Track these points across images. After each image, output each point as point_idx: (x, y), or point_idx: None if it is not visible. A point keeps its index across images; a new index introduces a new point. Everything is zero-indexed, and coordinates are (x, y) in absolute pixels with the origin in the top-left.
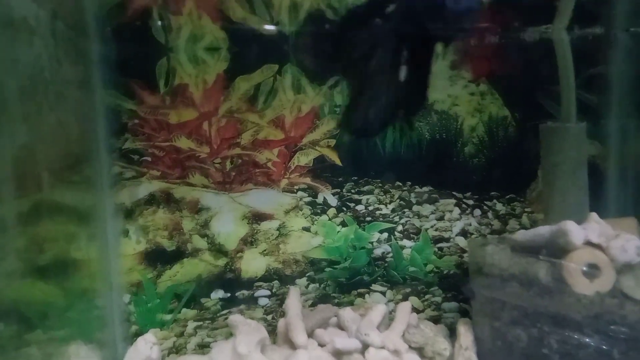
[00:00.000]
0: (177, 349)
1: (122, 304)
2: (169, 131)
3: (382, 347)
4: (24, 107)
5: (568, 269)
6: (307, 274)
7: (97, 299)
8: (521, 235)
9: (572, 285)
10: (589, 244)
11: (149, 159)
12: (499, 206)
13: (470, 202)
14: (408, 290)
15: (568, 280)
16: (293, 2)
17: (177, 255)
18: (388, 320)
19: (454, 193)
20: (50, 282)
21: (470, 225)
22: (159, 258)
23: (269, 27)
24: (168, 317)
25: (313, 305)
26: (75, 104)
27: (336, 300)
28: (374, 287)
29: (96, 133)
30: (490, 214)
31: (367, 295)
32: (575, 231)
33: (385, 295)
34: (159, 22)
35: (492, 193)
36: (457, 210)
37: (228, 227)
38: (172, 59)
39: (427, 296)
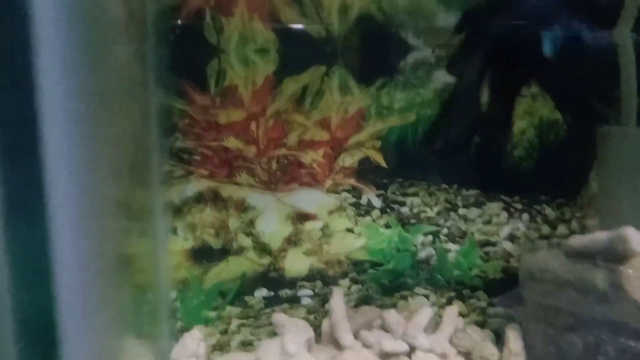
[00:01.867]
0: (221, 346)
1: (169, 300)
2: (217, 131)
3: (430, 351)
4: (115, 104)
5: (628, 276)
6: (350, 275)
7: (147, 294)
8: (576, 241)
9: (632, 293)
10: None
11: (198, 158)
12: (548, 211)
13: (519, 206)
14: (452, 294)
15: (627, 287)
16: (343, 5)
17: (223, 253)
18: (433, 323)
19: (502, 197)
20: (107, 276)
21: (518, 229)
22: (205, 255)
23: (318, 29)
24: (213, 314)
25: (355, 306)
26: (138, 104)
27: (379, 302)
28: (417, 290)
29: (150, 132)
30: (539, 219)
31: (410, 298)
32: (635, 237)
33: (428, 299)
34: (212, 24)
35: (542, 197)
36: (504, 214)
37: (272, 227)
38: (222, 60)
39: (471, 300)
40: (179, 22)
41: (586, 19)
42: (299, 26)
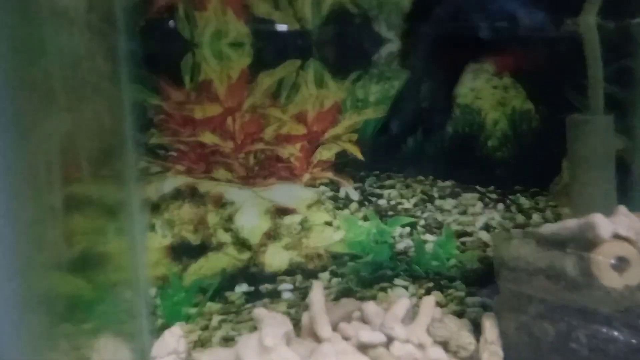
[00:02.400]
0: (203, 342)
1: (149, 297)
2: (194, 126)
3: (407, 341)
4: (67, 98)
5: (596, 262)
6: (330, 268)
7: (124, 292)
8: (547, 229)
9: (601, 279)
10: (617, 237)
11: (175, 154)
12: (523, 200)
13: (494, 196)
14: (431, 284)
15: (596, 273)
16: None
17: (202, 249)
18: (411, 314)
19: (477, 187)
20: (80, 275)
21: (493, 219)
22: (184, 252)
23: (292, 22)
24: (193, 310)
25: (336, 299)
26: (106, 99)
27: (359, 295)
28: (397, 281)
29: (123, 128)
30: (513, 208)
31: (389, 290)
32: (603, 224)
33: (407, 290)
34: (184, 18)
35: (516, 187)
36: (480, 205)
37: (251, 221)
38: (197, 55)
39: (450, 290)
40: (151, 16)
41: (551, 5)
42: (273, 20)
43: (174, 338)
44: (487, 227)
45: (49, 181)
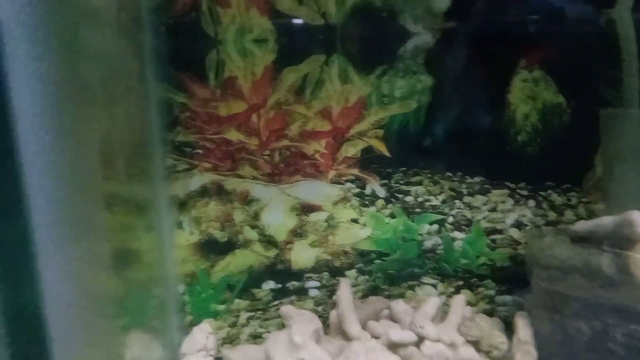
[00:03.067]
0: (231, 339)
1: (177, 294)
2: (219, 124)
3: (438, 340)
4: (103, 98)
5: (634, 260)
6: (357, 266)
7: (154, 289)
8: (581, 226)
9: (638, 277)
10: None
11: (201, 151)
12: (554, 196)
13: (524, 192)
14: (460, 283)
15: (634, 271)
16: None
17: (229, 246)
18: (441, 313)
19: (507, 183)
20: (112, 272)
21: (524, 216)
22: (211, 249)
23: (316, 17)
24: (221, 307)
25: (363, 297)
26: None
27: (386, 293)
28: (425, 279)
29: (151, 126)
30: (545, 205)
31: (417, 288)
32: None
33: (436, 288)
34: (209, 15)
35: (547, 183)
36: (510, 201)
37: (277, 219)
38: (221, 52)
39: (479, 289)
40: (176, 14)
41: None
42: (297, 15)
43: (204, 335)
44: (517, 225)
45: (91, 180)
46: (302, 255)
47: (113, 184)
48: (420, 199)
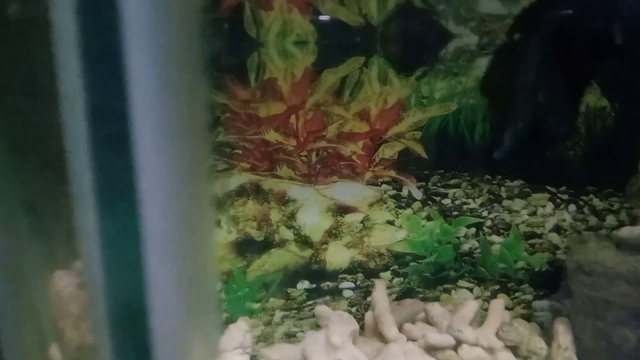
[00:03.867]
0: (265, 338)
1: (216, 291)
2: (258, 124)
3: (476, 345)
4: (187, 102)
5: None
6: (391, 268)
7: (196, 286)
8: (627, 232)
9: None
10: None
11: (240, 151)
12: (596, 201)
13: (565, 196)
14: (497, 287)
15: None
16: None
17: (266, 246)
18: (479, 317)
19: (548, 187)
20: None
21: (564, 221)
22: (248, 248)
23: (357, 19)
24: (256, 305)
25: (398, 299)
26: (195, 100)
27: (421, 295)
28: (461, 283)
29: (195, 126)
30: (586, 210)
31: (453, 291)
32: None
33: (472, 292)
34: (251, 17)
35: (589, 187)
36: (550, 205)
37: (313, 219)
38: (262, 54)
39: (517, 294)
40: (219, 15)
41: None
42: (338, 16)
43: (240, 332)
44: (557, 229)
45: (194, 178)
46: (337, 255)
47: (189, 182)
48: (457, 202)
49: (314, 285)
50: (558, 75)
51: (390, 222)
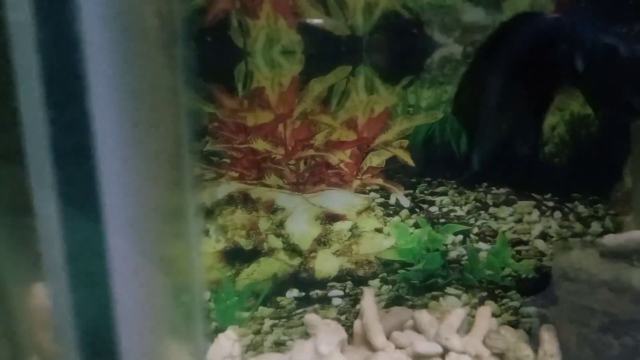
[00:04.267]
0: (255, 346)
1: (204, 300)
2: (246, 133)
3: (463, 352)
4: (153, 107)
5: None
6: (380, 275)
7: (182, 295)
8: (611, 240)
9: None
10: None
11: (228, 160)
12: (581, 208)
13: (551, 203)
14: (484, 294)
15: None
16: (367, 3)
17: (254, 254)
18: (466, 324)
19: (533, 194)
20: (163, 277)
21: (550, 227)
22: (237, 257)
23: (343, 29)
24: (246, 314)
25: (386, 306)
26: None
27: (410, 303)
28: (449, 290)
29: (180, 136)
30: (571, 216)
31: (441, 298)
32: None
33: (460, 299)
34: (238, 27)
35: (574, 194)
36: (536, 212)
37: (302, 227)
38: (249, 63)
39: (504, 300)
40: (206, 25)
41: (615, 8)
42: (324, 26)
43: (229, 342)
44: (543, 236)
45: (156, 185)
46: (325, 264)
47: (159, 192)
48: (445, 209)
49: (303, 294)
50: (520, 96)
51: (379, 230)
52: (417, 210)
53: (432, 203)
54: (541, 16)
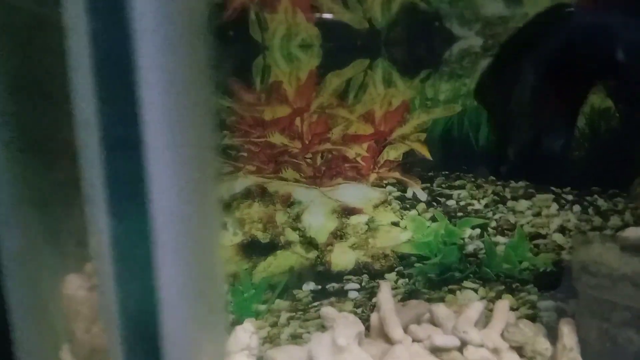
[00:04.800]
0: (271, 339)
1: (224, 293)
2: (263, 127)
3: (481, 346)
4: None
5: None
6: (396, 269)
7: (202, 288)
8: (632, 233)
9: None
10: None
11: (245, 154)
12: (600, 202)
13: (570, 197)
14: (502, 287)
15: None
16: None
17: (271, 248)
18: (484, 318)
19: (552, 188)
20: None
21: (569, 221)
22: (254, 250)
23: (361, 22)
24: (262, 307)
25: (403, 300)
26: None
27: (426, 296)
28: (466, 283)
29: (203, 130)
30: (590, 210)
31: (458, 292)
32: None
33: (477, 293)
34: (256, 21)
35: (593, 188)
36: (555, 206)
37: (318, 221)
38: (267, 57)
39: (522, 294)
40: (224, 20)
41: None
42: (342, 20)
43: (247, 334)
44: (562, 230)
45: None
46: (342, 257)
47: (201, 184)
48: (462, 203)
49: (320, 287)
50: (555, 92)
51: (395, 224)
52: (435, 203)
53: (449, 197)
54: (576, 10)
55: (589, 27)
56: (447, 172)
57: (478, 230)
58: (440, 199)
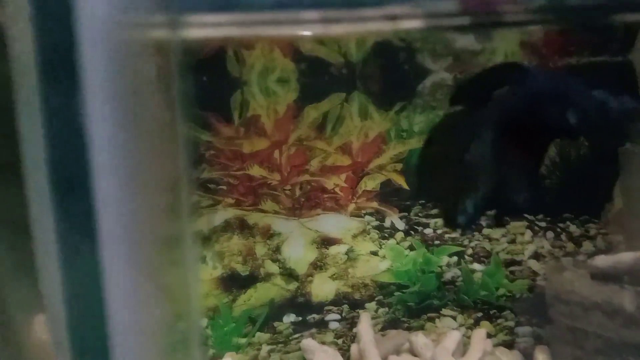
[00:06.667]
0: None
1: (201, 327)
2: (242, 160)
3: None
4: (154, 142)
5: None
6: (376, 298)
7: (180, 323)
8: (601, 261)
9: None
10: None
11: (224, 187)
12: (573, 228)
13: (543, 224)
14: (479, 314)
15: None
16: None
17: (251, 280)
18: (462, 346)
19: (526, 215)
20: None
21: (542, 247)
22: (233, 283)
23: (337, 57)
24: (243, 340)
25: (383, 329)
26: (166, 138)
27: (406, 325)
28: (444, 311)
29: (178, 164)
30: (563, 236)
31: (437, 320)
32: None
33: (455, 320)
34: (233, 57)
35: (565, 215)
36: (529, 233)
37: (298, 252)
38: (245, 92)
39: (499, 320)
40: (203, 56)
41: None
42: (318, 55)
43: None
44: (536, 256)
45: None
46: (322, 288)
47: (158, 221)
48: (439, 231)
49: (300, 318)
50: (513, 148)
51: (374, 253)
52: (412, 232)
53: (426, 225)
54: (529, 69)
55: (544, 87)
56: (423, 201)
57: (455, 258)
58: (417, 227)
